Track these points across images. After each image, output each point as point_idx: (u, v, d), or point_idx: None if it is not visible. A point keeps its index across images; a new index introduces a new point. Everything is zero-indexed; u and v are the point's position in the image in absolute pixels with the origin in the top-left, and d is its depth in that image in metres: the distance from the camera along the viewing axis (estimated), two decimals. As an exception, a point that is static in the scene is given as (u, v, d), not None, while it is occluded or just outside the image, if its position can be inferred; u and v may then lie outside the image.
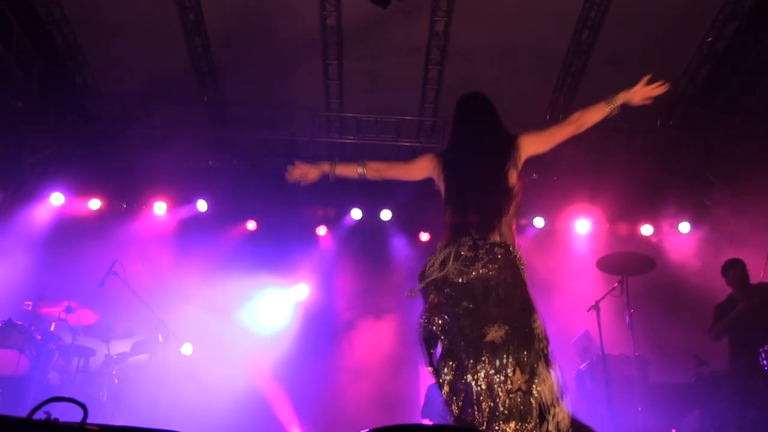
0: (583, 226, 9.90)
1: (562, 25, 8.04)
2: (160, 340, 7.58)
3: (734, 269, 7.10)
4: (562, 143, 4.06)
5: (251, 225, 10.15)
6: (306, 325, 9.58)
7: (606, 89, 3.97)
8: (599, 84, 8.41)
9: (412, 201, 9.08)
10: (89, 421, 2.35)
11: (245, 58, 8.77)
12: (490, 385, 3.50)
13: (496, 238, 3.78)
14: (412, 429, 3.12)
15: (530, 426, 3.40)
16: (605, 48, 8.13)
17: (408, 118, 9.47)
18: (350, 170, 4.32)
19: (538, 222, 10.08)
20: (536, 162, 9.75)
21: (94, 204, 9.77)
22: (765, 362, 5.94)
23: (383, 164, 4.36)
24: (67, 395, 2.68)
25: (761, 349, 6.01)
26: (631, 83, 3.97)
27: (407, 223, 9.89)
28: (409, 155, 9.62)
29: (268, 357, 9.01)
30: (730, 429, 5.96)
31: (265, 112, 9.44)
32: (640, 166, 9.43)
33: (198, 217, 9.97)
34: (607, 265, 7.28)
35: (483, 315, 3.63)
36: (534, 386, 3.48)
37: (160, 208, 9.86)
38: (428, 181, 4.35)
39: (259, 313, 9.48)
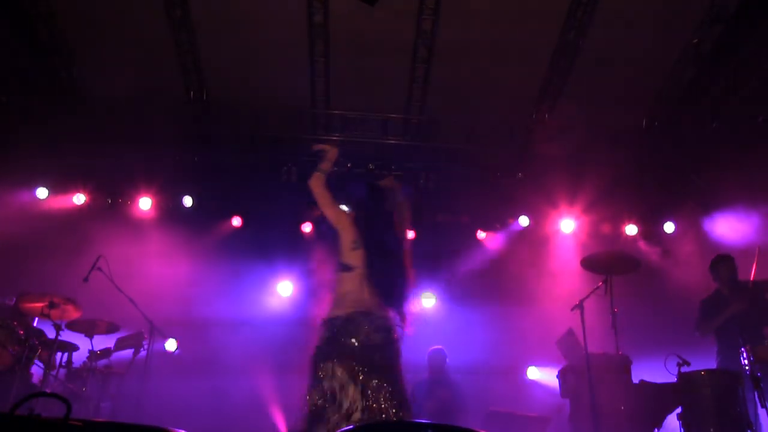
0: (567, 225, 9.94)
1: (549, 25, 8.05)
2: (144, 335, 7.55)
3: (723, 264, 7.05)
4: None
5: (236, 221, 10.14)
6: (290, 321, 9.56)
7: (592, 89, 4.00)
8: (585, 83, 8.43)
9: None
10: (72, 416, 2.34)
11: (232, 54, 8.73)
12: None
13: (396, 316, 4.52)
14: (400, 427, 3.22)
15: None
16: (592, 48, 8.14)
17: (394, 116, 9.47)
18: (324, 167, 4.75)
19: (523, 221, 10.13)
20: (521, 161, 9.91)
21: (79, 199, 9.73)
22: (745, 362, 5.96)
23: (324, 188, 4.71)
24: (50, 390, 2.67)
25: (742, 349, 6.01)
26: (617, 83, 4.02)
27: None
28: (395, 153, 9.66)
29: (253, 353, 8.99)
30: (711, 428, 5.97)
31: (251, 108, 9.40)
32: (625, 166, 9.47)
33: (183, 212, 9.94)
34: (591, 264, 7.29)
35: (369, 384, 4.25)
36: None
37: (145, 203, 9.83)
38: (418, 179, 4.53)
39: (243, 310, 9.46)
